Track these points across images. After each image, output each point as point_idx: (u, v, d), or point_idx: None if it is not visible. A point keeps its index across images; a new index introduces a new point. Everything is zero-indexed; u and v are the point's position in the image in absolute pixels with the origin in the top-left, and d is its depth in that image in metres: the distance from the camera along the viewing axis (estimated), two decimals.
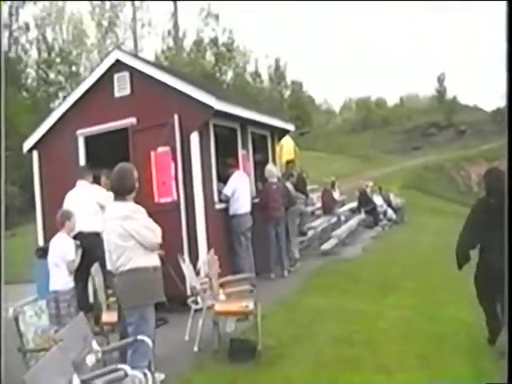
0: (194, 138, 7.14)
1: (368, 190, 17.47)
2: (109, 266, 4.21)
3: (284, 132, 10.61)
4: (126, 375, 3.02)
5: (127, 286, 4.00)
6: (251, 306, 4.85)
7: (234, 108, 7.79)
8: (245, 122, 8.67)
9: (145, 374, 3.40)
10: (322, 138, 48.18)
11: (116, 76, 7.67)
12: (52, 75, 36.98)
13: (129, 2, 36.76)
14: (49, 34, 41.27)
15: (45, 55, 38.01)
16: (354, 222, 14.65)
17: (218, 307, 4.99)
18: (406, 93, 66.16)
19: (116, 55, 7.67)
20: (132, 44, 36.68)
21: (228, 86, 62.96)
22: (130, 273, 3.97)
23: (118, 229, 3.95)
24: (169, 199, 7.17)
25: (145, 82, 7.47)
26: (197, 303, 5.68)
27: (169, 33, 53.65)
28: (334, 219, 13.84)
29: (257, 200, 8.86)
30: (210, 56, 57.05)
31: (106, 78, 7.73)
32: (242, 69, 61.15)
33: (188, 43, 55.88)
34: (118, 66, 7.65)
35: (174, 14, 32.46)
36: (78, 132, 7.87)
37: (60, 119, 8.04)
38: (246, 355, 4.95)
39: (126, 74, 7.60)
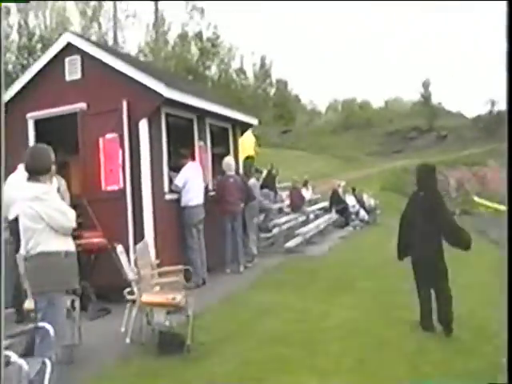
0: (143, 125, 6.94)
1: (340, 190, 17.38)
2: (21, 250, 3.99)
3: (247, 126, 10.42)
4: (9, 363, 2.81)
5: (36, 271, 3.80)
6: (179, 298, 4.66)
7: (186, 97, 7.57)
8: (202, 113, 8.48)
9: (43, 363, 3.21)
10: (305, 137, 48.20)
11: (67, 59, 7.43)
12: (32, 61, 36.39)
13: None
14: (31, 19, 40.78)
15: (26, 41, 37.44)
16: (321, 220, 14.53)
17: (145, 298, 4.81)
18: (391, 96, 66.55)
19: (67, 38, 7.43)
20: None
21: (212, 82, 63.00)
22: (39, 256, 3.77)
23: (27, 210, 3.75)
24: (116, 187, 6.95)
25: (96, 67, 7.24)
26: (133, 294, 5.49)
27: (153, 25, 53.58)
28: (303, 217, 13.72)
29: (213, 193, 8.71)
30: (194, 50, 56.84)
31: (58, 61, 7.48)
32: (226, 65, 60.96)
33: (172, 36, 55.68)
34: (69, 49, 7.41)
35: (156, 5, 31.99)
36: (28, 115, 7.61)
37: (11, 101, 7.75)
38: (174, 349, 4.78)
39: (77, 58, 7.37)
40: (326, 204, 17.12)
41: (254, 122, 10.56)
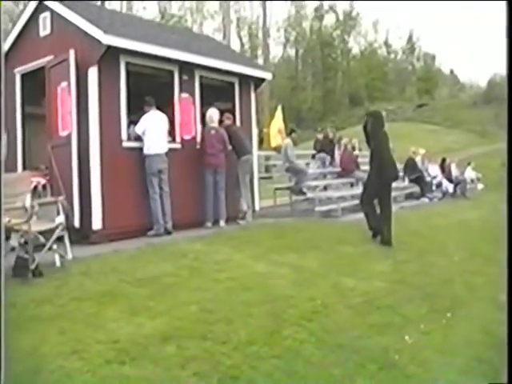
0: (92, 73, 7.22)
1: (418, 158, 16.15)
2: None
3: (261, 81, 10.21)
4: None
5: None
6: (14, 221, 4.89)
7: (146, 46, 7.67)
8: (186, 65, 8.53)
9: None
10: (441, 111, 45.13)
11: (41, 16, 8.01)
12: None
13: None
14: None
15: None
16: None
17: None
18: None
19: None
20: None
21: (355, 56, 61.91)
22: None
23: None
24: (66, 132, 7.36)
25: (60, 22, 7.71)
26: None
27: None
28: (349, 182, 13.12)
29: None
30: (331, 23, 56.23)
31: (34, 19, 8.11)
32: (365, 39, 59.39)
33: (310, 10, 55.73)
34: (42, 7, 8.00)
35: None
36: (15, 70, 8.36)
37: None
38: (23, 272, 5.03)
39: (48, 15, 7.91)
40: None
41: (267, 76, 10.31)
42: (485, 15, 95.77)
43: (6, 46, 8.45)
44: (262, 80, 10.19)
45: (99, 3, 34.23)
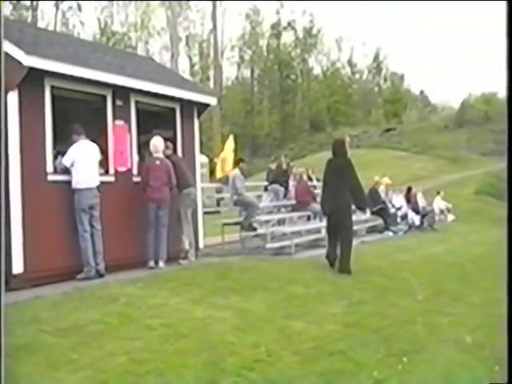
0: (12, 98, 7.23)
1: (381, 188, 16.63)
2: None
3: (205, 106, 10.44)
4: None
5: None
6: None
7: (74, 69, 7.77)
8: (121, 90, 8.66)
9: None
10: (410, 135, 46.72)
11: None
12: None
13: None
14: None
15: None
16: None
17: None
18: None
19: None
20: None
21: (316, 76, 63.39)
22: None
23: None
24: None
25: None
26: None
27: (246, 16, 55.30)
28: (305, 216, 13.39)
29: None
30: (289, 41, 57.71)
31: None
32: (327, 57, 61.07)
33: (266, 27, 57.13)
34: None
35: None
36: None
37: None
38: None
39: None
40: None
41: (212, 101, 10.55)
42: (459, 30, 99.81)
43: None
44: (207, 105, 10.41)
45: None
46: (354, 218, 13.96)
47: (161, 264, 8.74)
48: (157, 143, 8.91)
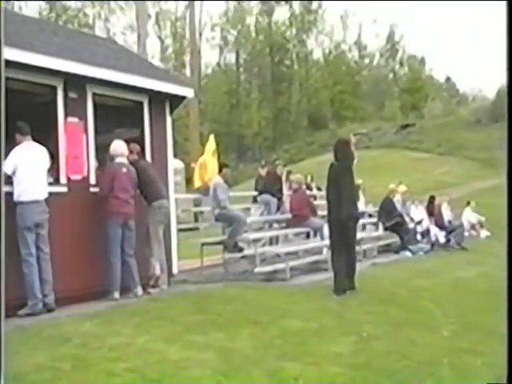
0: None
1: (397, 198, 16.70)
2: None
3: (180, 99, 10.50)
4: None
5: None
6: None
7: (8, 51, 7.68)
8: (77, 79, 8.67)
9: None
10: (432, 133, 46.85)
11: None
12: None
13: None
14: None
15: None
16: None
17: None
18: None
19: None
20: None
21: (316, 61, 63.58)
22: None
23: None
24: None
25: None
26: None
27: None
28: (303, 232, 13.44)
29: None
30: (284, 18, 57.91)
31: None
32: (326, 36, 61.34)
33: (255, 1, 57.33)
34: None
35: None
36: None
37: None
38: None
39: None
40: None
41: (189, 92, 10.60)
42: (490, 5, 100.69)
43: None
44: (182, 98, 10.46)
45: None
46: (364, 234, 14.32)
47: (139, 291, 8.84)
48: (117, 147, 8.94)
